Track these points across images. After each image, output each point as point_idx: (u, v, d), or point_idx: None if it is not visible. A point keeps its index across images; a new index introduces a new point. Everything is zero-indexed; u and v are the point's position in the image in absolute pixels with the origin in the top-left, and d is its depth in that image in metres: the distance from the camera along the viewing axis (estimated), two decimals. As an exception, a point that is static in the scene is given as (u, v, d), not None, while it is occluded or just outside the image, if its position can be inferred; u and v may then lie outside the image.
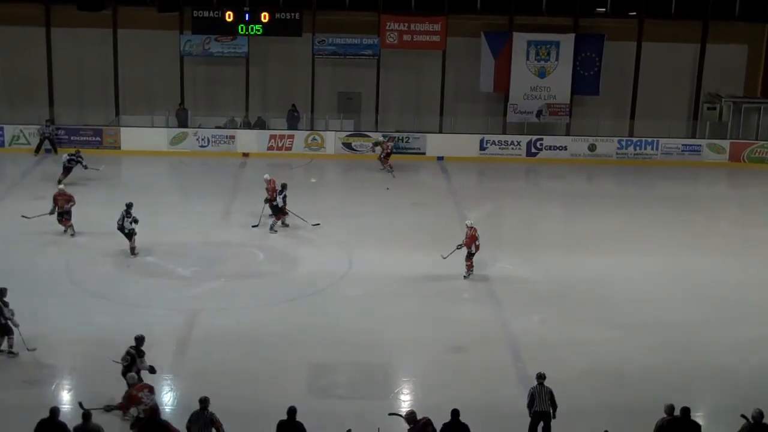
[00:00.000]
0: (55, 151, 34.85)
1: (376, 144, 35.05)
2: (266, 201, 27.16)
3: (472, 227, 23.16)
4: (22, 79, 37.62)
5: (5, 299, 18.28)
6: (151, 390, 15.42)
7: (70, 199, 25.43)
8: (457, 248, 23.09)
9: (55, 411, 14.00)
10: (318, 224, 27.17)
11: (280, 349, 19.10)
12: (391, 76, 38.14)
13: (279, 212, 26.75)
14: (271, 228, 26.72)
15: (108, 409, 15.28)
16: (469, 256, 23.14)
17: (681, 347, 19.75)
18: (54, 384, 17.50)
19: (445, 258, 23.11)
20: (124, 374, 16.19)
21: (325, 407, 16.42)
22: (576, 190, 33.64)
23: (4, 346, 18.21)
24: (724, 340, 20.23)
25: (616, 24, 38.07)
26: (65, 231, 25.39)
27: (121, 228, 24.08)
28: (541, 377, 15.71)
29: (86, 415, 13.88)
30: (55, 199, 25.34)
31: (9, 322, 18.17)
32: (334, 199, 31.01)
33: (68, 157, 30.98)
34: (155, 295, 21.85)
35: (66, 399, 16.84)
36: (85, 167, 30.98)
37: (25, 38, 37.16)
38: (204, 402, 14.50)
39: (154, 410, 14.84)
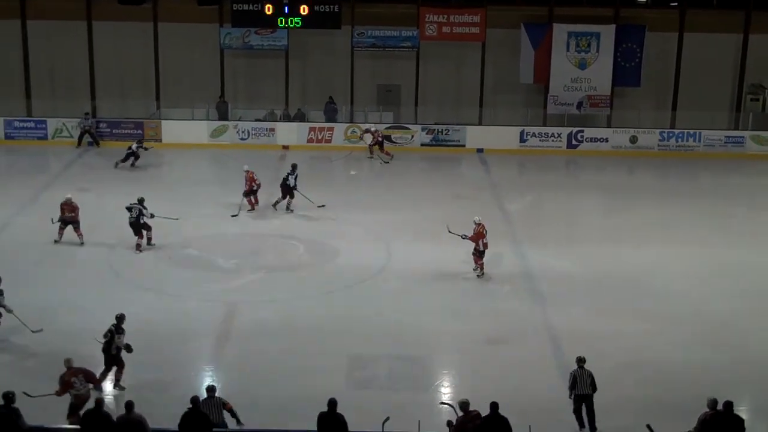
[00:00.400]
0: (97, 144, 35.23)
1: (366, 131, 35.05)
2: (244, 194, 27.54)
3: (479, 224, 22.79)
4: (65, 72, 38.00)
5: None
6: (86, 376, 15.52)
7: (74, 210, 24.38)
8: (462, 237, 22.77)
9: (100, 402, 14.17)
10: (323, 206, 27.67)
11: (320, 341, 19.16)
12: (430, 68, 38.09)
13: (289, 192, 27.42)
14: (287, 208, 27.65)
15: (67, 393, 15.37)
16: (478, 254, 22.81)
17: (722, 341, 19.59)
18: (97, 374, 17.65)
19: (450, 232, 22.93)
20: (104, 350, 16.75)
21: (365, 399, 16.45)
22: (617, 182, 33.38)
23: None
24: (766, 334, 20.04)
25: (657, 14, 37.75)
26: (56, 241, 24.27)
27: (136, 222, 24.02)
28: (581, 360, 15.91)
29: (129, 405, 14.01)
30: (62, 208, 24.36)
31: (2, 308, 18.56)
32: (373, 191, 31.00)
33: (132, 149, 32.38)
34: (196, 287, 22.01)
35: (109, 389, 17.02)
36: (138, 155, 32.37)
37: (67, 32, 37.51)
38: (211, 390, 14.72)
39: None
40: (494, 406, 14.14)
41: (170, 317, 20.10)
